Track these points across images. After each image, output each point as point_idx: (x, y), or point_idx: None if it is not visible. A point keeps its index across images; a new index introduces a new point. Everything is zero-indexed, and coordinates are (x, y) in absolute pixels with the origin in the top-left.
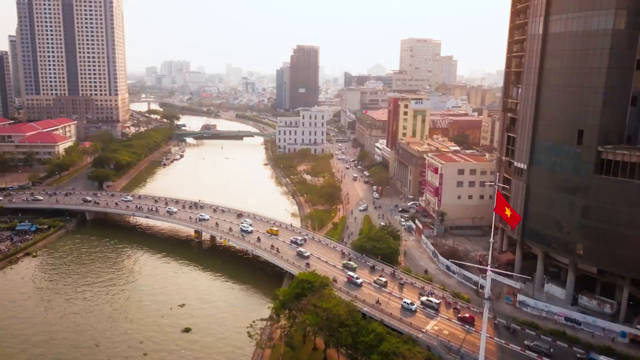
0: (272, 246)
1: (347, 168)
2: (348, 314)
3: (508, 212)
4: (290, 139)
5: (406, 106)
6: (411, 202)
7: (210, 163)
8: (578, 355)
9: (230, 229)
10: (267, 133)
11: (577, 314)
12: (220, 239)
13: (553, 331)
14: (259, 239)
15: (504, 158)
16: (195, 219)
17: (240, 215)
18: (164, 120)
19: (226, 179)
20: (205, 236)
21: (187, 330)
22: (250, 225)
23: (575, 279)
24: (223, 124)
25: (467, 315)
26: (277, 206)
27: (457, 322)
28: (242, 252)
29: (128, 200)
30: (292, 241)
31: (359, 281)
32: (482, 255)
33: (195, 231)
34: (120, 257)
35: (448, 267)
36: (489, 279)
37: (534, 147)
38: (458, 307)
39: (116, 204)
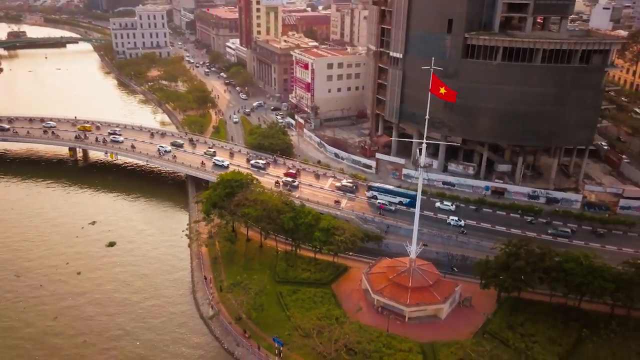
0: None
1: (197, 67)
2: (283, 203)
3: (443, 90)
4: (129, 42)
5: (258, 2)
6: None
7: (41, 75)
8: (367, 185)
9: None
10: (94, 38)
11: (451, 178)
12: (106, 154)
13: (437, 194)
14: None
15: (378, 49)
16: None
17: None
18: None
19: (71, 92)
20: (79, 153)
21: (111, 244)
22: (52, 126)
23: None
24: (33, 31)
25: (292, 171)
26: (142, 115)
27: (284, 177)
28: (130, 165)
29: None
30: (110, 133)
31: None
32: (362, 140)
33: (70, 149)
34: None
35: (336, 155)
36: (424, 150)
37: (408, 37)
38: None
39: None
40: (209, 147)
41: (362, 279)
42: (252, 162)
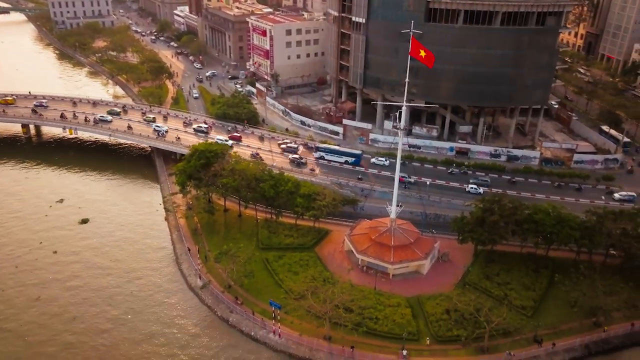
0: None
1: (144, 36)
2: (261, 171)
3: (423, 54)
4: (68, 11)
5: None
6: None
7: None
8: (314, 147)
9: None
10: (27, 8)
11: (417, 141)
12: (65, 129)
13: (405, 157)
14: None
15: (340, 14)
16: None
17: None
18: None
19: (11, 66)
20: (32, 130)
21: (84, 221)
22: None
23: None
24: None
25: (236, 134)
26: (94, 88)
27: (229, 140)
28: (90, 141)
29: None
30: (35, 105)
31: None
32: (326, 107)
33: (23, 126)
34: None
35: (302, 122)
36: (404, 112)
37: (370, 1)
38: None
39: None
40: (147, 114)
41: (345, 241)
42: (195, 126)
